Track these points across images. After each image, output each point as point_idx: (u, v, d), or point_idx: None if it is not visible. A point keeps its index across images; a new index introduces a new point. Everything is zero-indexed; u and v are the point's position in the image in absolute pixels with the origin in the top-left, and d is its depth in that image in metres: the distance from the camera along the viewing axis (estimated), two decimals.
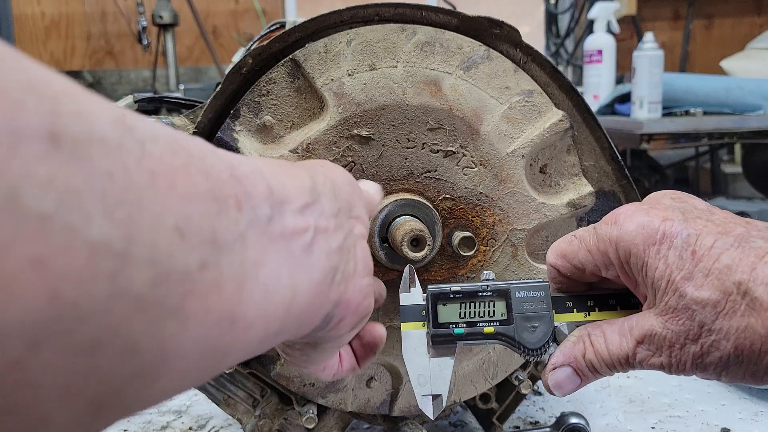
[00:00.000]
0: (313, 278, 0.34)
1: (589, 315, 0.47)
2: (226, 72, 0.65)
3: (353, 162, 0.64)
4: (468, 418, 0.90)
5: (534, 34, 3.21)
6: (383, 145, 0.64)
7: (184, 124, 0.66)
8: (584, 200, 0.69)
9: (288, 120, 0.64)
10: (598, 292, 0.48)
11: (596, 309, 0.47)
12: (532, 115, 0.67)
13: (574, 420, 0.80)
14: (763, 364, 0.38)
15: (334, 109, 0.63)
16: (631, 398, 0.98)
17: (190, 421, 0.95)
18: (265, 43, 0.64)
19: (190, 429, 0.93)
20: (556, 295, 0.48)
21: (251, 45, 0.96)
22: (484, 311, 0.48)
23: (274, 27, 0.99)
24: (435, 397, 0.48)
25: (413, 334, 0.49)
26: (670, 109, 1.89)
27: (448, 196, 0.66)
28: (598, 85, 2.17)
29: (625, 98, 1.97)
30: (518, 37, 0.68)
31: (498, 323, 0.47)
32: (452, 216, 0.66)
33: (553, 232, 0.71)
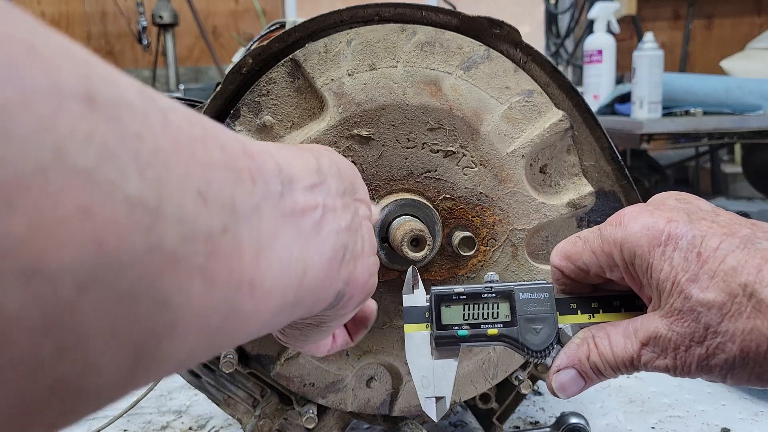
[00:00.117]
0: (324, 254, 0.35)
1: (594, 317, 0.47)
2: (226, 72, 0.65)
3: (353, 162, 0.64)
4: (468, 418, 0.90)
5: (534, 34, 3.21)
6: (383, 145, 0.64)
7: None
8: (584, 200, 0.69)
9: (288, 120, 0.64)
10: (603, 294, 0.47)
11: (600, 311, 0.47)
12: (532, 115, 0.67)
13: (574, 420, 0.80)
14: None
15: (334, 109, 0.63)
16: (631, 398, 0.98)
17: (190, 421, 0.95)
18: (265, 43, 0.64)
19: (190, 429, 0.93)
20: (560, 297, 0.47)
21: (251, 45, 0.96)
22: (488, 313, 0.47)
23: (274, 27, 0.99)
24: (438, 399, 0.47)
25: (416, 336, 0.48)
26: (670, 109, 1.89)
27: (448, 196, 0.66)
28: (598, 85, 2.16)
29: (625, 98, 1.97)
30: (518, 37, 0.68)
31: (502, 325, 0.47)
32: (452, 216, 0.66)
33: (553, 232, 0.70)
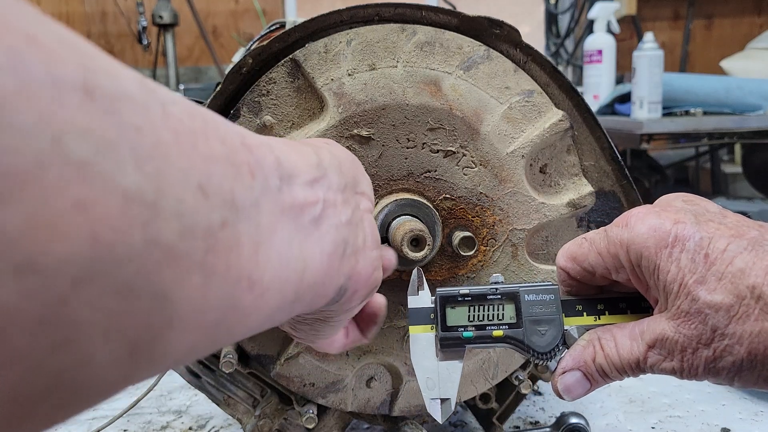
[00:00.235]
0: (324, 250, 0.34)
1: (600, 319, 0.47)
2: (226, 72, 0.65)
3: None
4: (468, 418, 0.90)
5: (534, 34, 3.21)
6: (383, 145, 0.64)
7: None
8: (584, 200, 0.69)
9: (288, 120, 0.64)
10: (609, 296, 0.47)
11: (606, 313, 0.47)
12: (532, 115, 0.67)
13: (574, 420, 0.80)
14: None
15: (334, 109, 0.63)
16: (631, 398, 0.98)
17: (190, 421, 0.95)
18: (265, 43, 0.64)
19: (190, 429, 0.93)
20: (566, 299, 0.47)
21: (251, 45, 0.96)
22: (493, 314, 0.47)
23: (274, 27, 0.99)
24: (443, 401, 0.47)
25: (422, 337, 0.48)
26: (670, 109, 1.89)
27: (448, 196, 0.66)
28: (598, 85, 2.16)
29: (625, 98, 1.97)
30: (518, 37, 0.68)
31: (507, 326, 0.47)
32: (452, 216, 0.66)
33: (553, 232, 0.70)
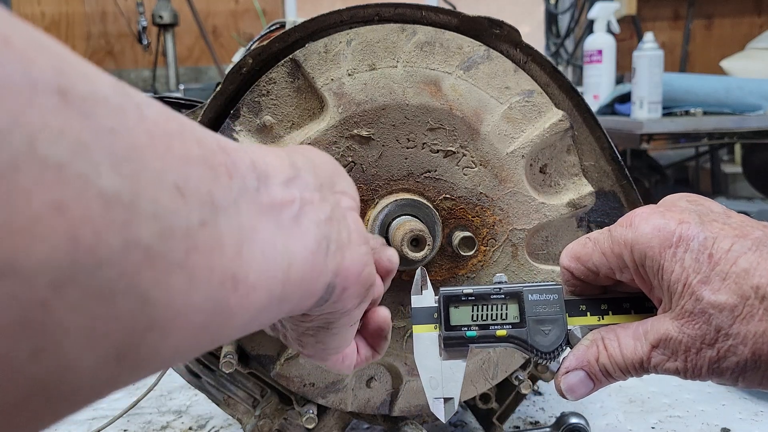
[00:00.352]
0: (307, 246, 0.34)
1: (603, 318, 0.47)
2: (226, 72, 0.65)
3: (353, 162, 0.64)
4: (468, 418, 0.90)
5: (534, 34, 3.21)
6: (383, 145, 0.64)
7: None
8: (584, 200, 0.69)
9: (288, 120, 0.64)
10: (612, 296, 0.47)
11: (610, 312, 0.46)
12: (532, 115, 0.67)
13: (574, 420, 0.80)
14: None
15: (334, 109, 0.63)
16: (631, 398, 0.98)
17: (190, 421, 0.95)
18: (265, 43, 0.64)
19: (190, 429, 0.93)
20: (570, 299, 0.47)
21: (251, 45, 0.96)
22: (497, 314, 0.47)
23: (274, 27, 0.99)
24: (447, 400, 0.47)
25: (425, 337, 0.48)
26: (670, 109, 1.89)
27: (448, 196, 0.66)
28: (598, 85, 2.16)
29: (625, 98, 1.97)
30: (518, 37, 0.68)
31: (510, 326, 0.47)
32: (452, 216, 0.66)
33: (553, 232, 0.71)
